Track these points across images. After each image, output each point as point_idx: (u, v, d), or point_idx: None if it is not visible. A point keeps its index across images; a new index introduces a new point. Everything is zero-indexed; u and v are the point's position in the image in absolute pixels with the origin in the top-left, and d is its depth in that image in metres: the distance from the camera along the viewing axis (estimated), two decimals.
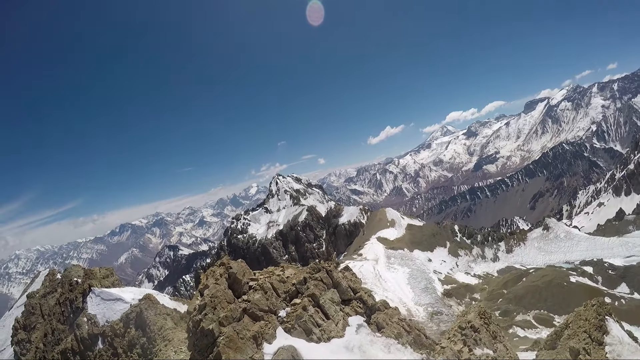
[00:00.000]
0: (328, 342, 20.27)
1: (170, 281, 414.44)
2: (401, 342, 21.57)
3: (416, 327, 23.70)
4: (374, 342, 20.72)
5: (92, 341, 36.66)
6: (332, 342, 20.31)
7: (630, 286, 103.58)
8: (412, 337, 22.67)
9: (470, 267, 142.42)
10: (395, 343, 21.15)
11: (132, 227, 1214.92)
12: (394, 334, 21.85)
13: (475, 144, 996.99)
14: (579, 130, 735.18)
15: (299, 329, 20.23)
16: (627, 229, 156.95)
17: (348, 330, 21.39)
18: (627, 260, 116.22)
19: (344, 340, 20.59)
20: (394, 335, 21.75)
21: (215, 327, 18.71)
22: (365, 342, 20.57)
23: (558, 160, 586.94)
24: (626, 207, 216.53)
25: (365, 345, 20.36)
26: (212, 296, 19.71)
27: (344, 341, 20.49)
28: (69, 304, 44.72)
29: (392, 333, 21.85)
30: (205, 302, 19.54)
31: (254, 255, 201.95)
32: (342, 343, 20.33)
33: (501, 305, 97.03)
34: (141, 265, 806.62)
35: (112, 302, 38.38)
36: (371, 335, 21.25)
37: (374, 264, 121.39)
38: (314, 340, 20.18)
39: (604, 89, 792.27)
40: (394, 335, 21.77)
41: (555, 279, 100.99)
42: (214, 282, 20.67)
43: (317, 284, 22.32)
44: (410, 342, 22.20)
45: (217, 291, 20.00)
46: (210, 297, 19.65)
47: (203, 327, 18.81)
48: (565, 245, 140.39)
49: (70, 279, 47.69)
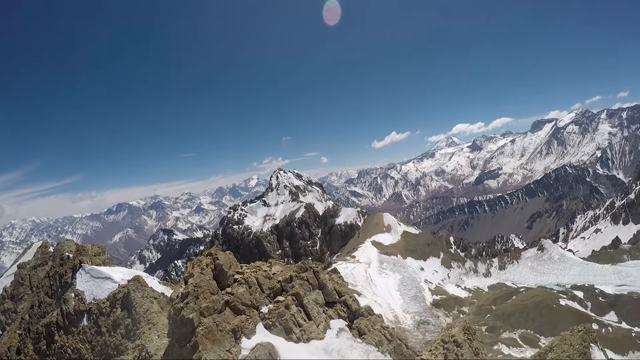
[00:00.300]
0: (307, 343, 20.08)
1: (162, 265, 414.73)
2: (381, 350, 21.38)
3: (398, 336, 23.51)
4: (354, 348, 20.51)
5: (77, 317, 36.47)
6: (312, 344, 20.12)
7: (618, 315, 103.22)
8: (393, 346, 22.48)
9: (461, 279, 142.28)
10: (375, 350, 20.96)
11: (129, 208, 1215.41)
12: (374, 341, 21.66)
13: (478, 158, 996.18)
14: (584, 155, 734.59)
15: (279, 327, 20.04)
16: (621, 258, 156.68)
17: (329, 333, 21.20)
18: (619, 289, 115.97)
19: (324, 342, 20.40)
20: (374, 342, 21.56)
21: (196, 316, 18.53)
22: (345, 346, 20.37)
23: (560, 183, 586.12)
24: (623, 236, 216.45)
25: (345, 349, 20.16)
26: (195, 285, 19.52)
27: (324, 344, 20.30)
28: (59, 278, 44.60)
29: (373, 340, 21.66)
30: (188, 291, 19.35)
31: (247, 247, 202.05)
32: (321, 345, 20.14)
33: (488, 321, 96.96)
34: (134, 246, 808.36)
35: (101, 280, 38.20)
36: (351, 341, 21.05)
37: (366, 267, 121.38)
38: (294, 339, 20.00)
39: (612, 116, 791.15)
40: (375, 342, 21.58)
41: (544, 300, 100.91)
42: (200, 271, 20.46)
43: (303, 284, 22.13)
44: (391, 351, 22.02)
45: (202, 281, 19.80)
46: (193, 286, 19.47)
47: (183, 316, 18.63)
48: (558, 268, 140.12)
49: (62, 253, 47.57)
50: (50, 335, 37.83)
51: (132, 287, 35.11)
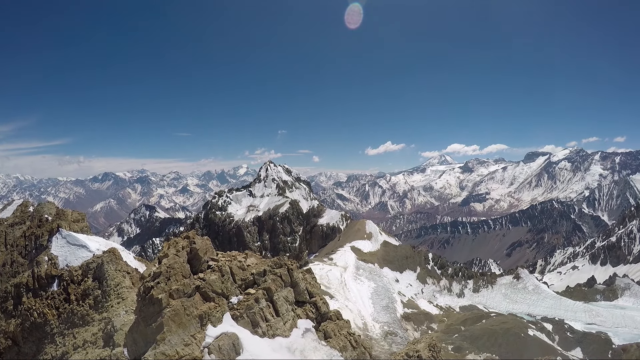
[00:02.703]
0: (272, 339, 20.00)
1: (140, 241, 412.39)
2: (344, 355, 21.34)
3: (363, 344, 23.51)
4: (317, 350, 20.48)
5: (48, 282, 35.97)
6: (276, 340, 20.05)
7: (585, 352, 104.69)
8: (357, 353, 22.45)
9: (434, 296, 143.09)
10: (338, 355, 20.92)
11: (115, 178, 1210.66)
12: (339, 345, 21.61)
13: (468, 180, 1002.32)
14: (572, 192, 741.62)
15: (246, 319, 19.91)
16: (594, 297, 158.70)
17: (295, 332, 21.13)
18: (588, 327, 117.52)
19: (288, 340, 20.34)
20: (339, 347, 21.51)
21: (165, 297, 18.36)
22: (309, 347, 20.34)
23: (544, 215, 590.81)
24: (599, 276, 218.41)
25: (308, 350, 20.13)
26: (169, 266, 19.34)
27: (288, 342, 20.24)
28: (34, 239, 43.94)
29: (337, 344, 21.61)
30: (160, 271, 19.15)
31: (227, 235, 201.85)
32: (285, 343, 20.08)
33: (456, 341, 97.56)
34: (115, 218, 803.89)
35: (77, 247, 37.71)
36: (316, 342, 21.00)
37: (342, 271, 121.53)
38: (259, 333, 19.91)
39: (606, 158, 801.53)
40: (339, 347, 21.53)
41: (513, 328, 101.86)
42: (175, 253, 20.29)
43: (275, 279, 22.01)
44: (354, 357, 22.02)
45: (175, 263, 19.63)
46: (166, 267, 19.28)
47: (152, 295, 18.42)
48: (531, 298, 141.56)
49: (41, 215, 46.82)
50: (18, 296, 37.31)
51: (107, 258, 34.71)
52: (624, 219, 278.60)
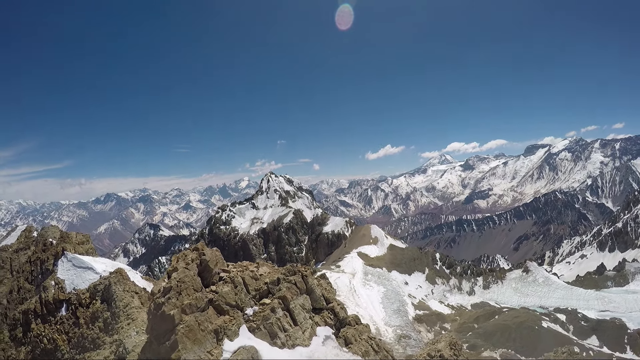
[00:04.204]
0: (292, 349, 19.32)
1: (146, 260, 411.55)
2: None
3: (385, 348, 22.87)
4: (339, 357, 19.81)
5: (56, 306, 35.59)
6: (296, 350, 19.37)
7: (600, 340, 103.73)
8: (380, 357, 21.81)
9: (445, 296, 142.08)
10: None
11: (117, 198, 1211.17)
12: (361, 351, 20.95)
13: (470, 177, 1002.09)
14: (574, 182, 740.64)
15: (263, 331, 19.25)
16: (605, 284, 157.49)
17: (315, 340, 20.45)
18: (601, 314, 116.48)
19: (309, 350, 19.65)
20: (361, 352, 20.85)
21: (177, 313, 17.71)
22: (331, 355, 19.66)
23: (548, 207, 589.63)
24: (608, 263, 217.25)
25: (330, 358, 19.48)
26: (179, 280, 18.69)
27: (309, 351, 19.55)
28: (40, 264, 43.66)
29: (359, 350, 20.95)
30: (171, 286, 18.49)
31: (233, 249, 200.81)
32: (306, 352, 19.39)
33: (470, 339, 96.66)
34: (120, 239, 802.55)
35: (83, 270, 37.38)
36: (337, 349, 20.34)
37: (350, 277, 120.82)
38: (278, 344, 19.22)
39: (605, 146, 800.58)
40: (361, 352, 20.87)
41: (527, 321, 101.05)
42: (184, 266, 19.65)
43: (290, 287, 21.37)
44: None
45: (186, 276, 18.99)
46: (177, 281, 18.63)
47: (164, 312, 17.76)
48: (542, 290, 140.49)
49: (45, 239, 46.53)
50: (27, 322, 37.01)
51: (114, 279, 34.33)
52: (629, 204, 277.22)
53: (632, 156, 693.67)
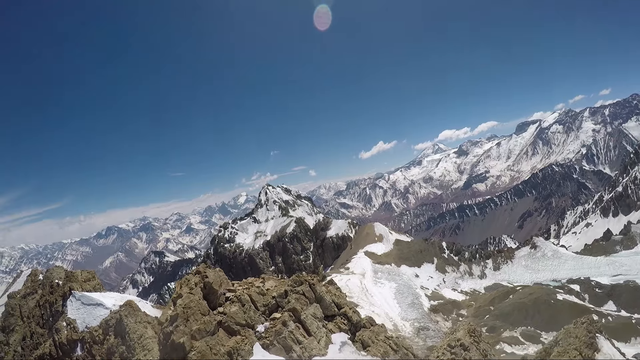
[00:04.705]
0: None
1: (155, 288, 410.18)
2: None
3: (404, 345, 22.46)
4: None
5: (70, 347, 35.21)
6: None
7: (617, 304, 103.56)
8: (400, 356, 21.40)
9: (457, 283, 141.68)
10: None
11: (119, 231, 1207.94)
12: (380, 352, 20.53)
13: (465, 163, 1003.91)
14: (569, 153, 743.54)
15: (277, 346, 18.78)
16: (614, 249, 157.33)
17: (331, 348, 19.99)
18: (614, 279, 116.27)
19: (327, 359, 19.23)
20: (380, 354, 20.43)
21: (187, 340, 17.28)
22: None
23: (547, 181, 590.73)
24: (613, 227, 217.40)
25: None
26: (185, 307, 18.27)
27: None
28: (49, 306, 43.38)
29: (378, 352, 20.52)
30: (177, 313, 18.06)
31: (240, 265, 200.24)
32: None
33: (488, 322, 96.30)
34: (126, 270, 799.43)
35: (93, 307, 37.01)
36: (356, 354, 19.89)
37: (361, 278, 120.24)
38: (294, 358, 18.73)
39: (595, 113, 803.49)
40: (380, 354, 20.45)
41: (542, 297, 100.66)
42: (188, 291, 19.24)
43: (299, 298, 20.94)
44: None
45: (191, 302, 18.57)
46: (182, 308, 18.21)
47: (173, 340, 17.32)
48: (552, 264, 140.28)
49: (51, 281, 46.25)
50: None
51: (125, 312, 33.86)
52: (626, 167, 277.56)
53: (622, 120, 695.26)
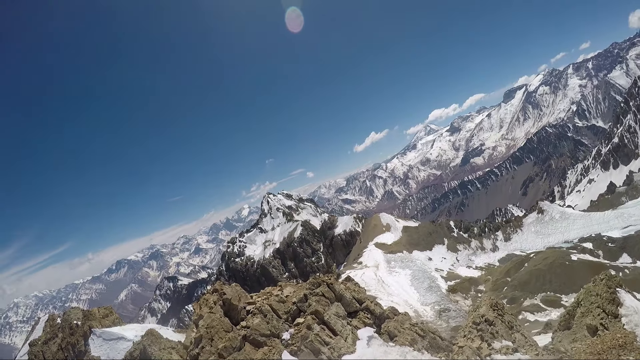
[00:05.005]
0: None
1: (174, 313, 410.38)
2: (417, 348, 20.26)
3: (430, 330, 22.45)
4: (389, 353, 19.34)
5: None
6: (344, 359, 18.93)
7: (631, 256, 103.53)
8: (428, 341, 21.39)
9: (471, 260, 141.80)
10: (411, 350, 19.80)
11: (129, 263, 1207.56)
12: (407, 341, 20.50)
13: (460, 139, 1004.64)
14: (560, 112, 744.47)
15: (306, 350, 18.69)
16: (620, 201, 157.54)
17: (359, 344, 19.94)
18: (625, 231, 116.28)
19: (356, 355, 19.14)
20: (408, 342, 20.40)
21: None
22: (379, 353, 19.18)
23: (543, 144, 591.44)
24: (616, 179, 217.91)
25: (380, 357, 18.97)
26: (207, 327, 18.20)
27: (357, 356, 19.03)
28: (71, 348, 43.67)
29: (405, 340, 20.49)
30: (201, 334, 17.99)
31: (253, 277, 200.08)
32: (354, 358, 18.95)
33: (507, 294, 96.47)
34: (142, 300, 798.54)
35: (115, 341, 37.36)
36: (384, 346, 19.86)
37: (375, 270, 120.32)
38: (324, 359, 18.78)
39: (579, 68, 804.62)
40: (408, 342, 20.42)
41: (557, 260, 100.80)
42: (208, 310, 19.17)
43: (319, 300, 20.89)
44: (426, 347, 20.92)
45: (213, 320, 18.51)
46: (205, 328, 18.13)
47: None
48: (561, 226, 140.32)
49: (69, 322, 46.61)
50: None
51: (147, 342, 34.04)
52: (618, 117, 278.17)
53: (607, 71, 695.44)
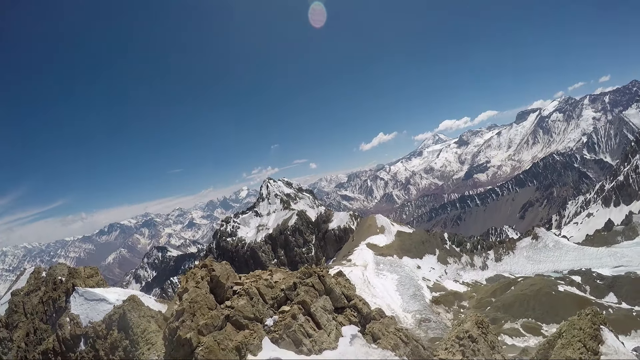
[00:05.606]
0: (319, 355, 18.48)
1: (158, 283, 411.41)
2: (398, 354, 19.99)
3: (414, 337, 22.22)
4: (370, 354, 19.06)
5: (74, 342, 35.36)
6: (324, 355, 18.53)
7: (618, 296, 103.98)
8: (410, 348, 21.12)
9: (459, 274, 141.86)
10: (392, 355, 19.53)
11: (121, 227, 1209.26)
12: (390, 345, 20.22)
13: (466, 153, 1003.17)
14: (570, 142, 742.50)
15: (287, 340, 18.41)
16: (615, 240, 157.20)
17: (341, 341, 19.65)
18: (615, 270, 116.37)
19: (337, 352, 18.85)
20: (390, 346, 20.12)
21: (194, 336, 16.85)
22: (360, 354, 18.91)
23: (548, 171, 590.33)
24: (615, 217, 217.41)
25: (360, 357, 18.71)
26: (191, 301, 17.85)
27: (337, 353, 18.75)
28: (52, 303, 43.80)
29: (388, 344, 20.21)
30: (183, 308, 17.63)
31: (242, 259, 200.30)
32: (335, 355, 18.58)
33: (489, 313, 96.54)
34: (129, 266, 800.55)
35: (96, 302, 37.17)
36: (366, 347, 19.59)
37: (363, 270, 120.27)
38: (304, 352, 18.38)
39: (595, 101, 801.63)
40: (391, 346, 20.14)
41: (543, 288, 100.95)
42: (195, 285, 18.82)
43: (308, 290, 20.57)
44: (408, 354, 20.65)
45: (197, 296, 18.15)
46: (189, 302, 17.77)
47: (180, 336, 16.85)
48: (554, 255, 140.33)
49: (54, 278, 46.74)
50: None
51: (128, 307, 34.01)
52: (627, 156, 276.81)
53: (622, 107, 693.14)
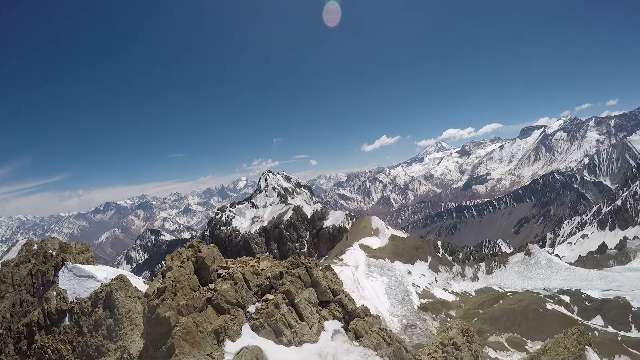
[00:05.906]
0: (299, 347, 18.12)
1: (149, 265, 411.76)
2: (380, 354, 19.63)
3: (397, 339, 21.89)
4: (350, 352, 18.71)
5: (59, 317, 35.36)
6: (304, 347, 18.17)
7: (605, 319, 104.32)
8: (392, 349, 20.77)
9: (449, 283, 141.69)
10: (374, 355, 19.17)
11: (117, 207, 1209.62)
12: (372, 344, 19.86)
13: (467, 163, 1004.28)
14: (571, 162, 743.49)
15: (268, 329, 17.99)
16: (607, 263, 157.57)
17: (323, 335, 19.27)
18: (605, 293, 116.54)
19: (318, 346, 18.49)
20: (372, 345, 19.76)
21: (173, 315, 16.44)
22: (341, 350, 18.56)
23: (547, 189, 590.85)
24: (609, 241, 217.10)
25: (340, 354, 18.34)
26: (174, 280, 17.40)
27: (317, 347, 18.38)
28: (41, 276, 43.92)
29: (371, 343, 19.85)
30: (165, 286, 17.19)
31: (235, 249, 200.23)
32: (314, 349, 18.22)
33: (475, 325, 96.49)
34: (121, 246, 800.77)
35: (84, 279, 37.15)
36: (348, 344, 19.22)
37: (353, 270, 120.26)
38: (284, 342, 17.99)
39: (600, 123, 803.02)
40: (373, 345, 19.79)
41: (531, 304, 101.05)
42: (179, 264, 18.43)
43: (294, 281, 20.19)
44: (390, 355, 20.30)
45: (181, 275, 17.72)
46: (171, 281, 17.33)
47: (159, 314, 16.41)
48: (545, 273, 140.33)
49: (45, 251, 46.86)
50: (31, 334, 37.13)
51: (115, 286, 33.90)
52: (627, 181, 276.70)
53: (627, 132, 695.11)
